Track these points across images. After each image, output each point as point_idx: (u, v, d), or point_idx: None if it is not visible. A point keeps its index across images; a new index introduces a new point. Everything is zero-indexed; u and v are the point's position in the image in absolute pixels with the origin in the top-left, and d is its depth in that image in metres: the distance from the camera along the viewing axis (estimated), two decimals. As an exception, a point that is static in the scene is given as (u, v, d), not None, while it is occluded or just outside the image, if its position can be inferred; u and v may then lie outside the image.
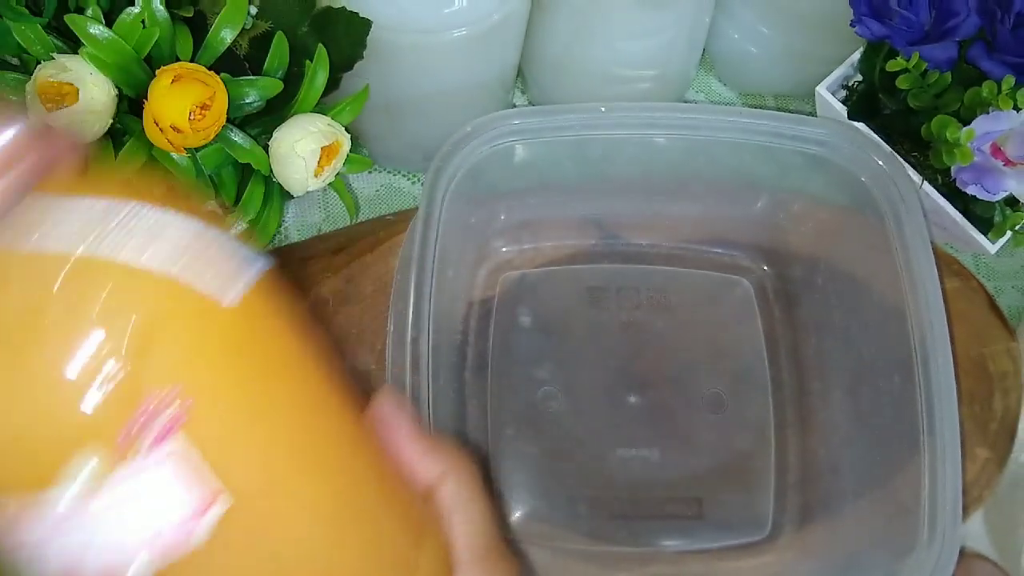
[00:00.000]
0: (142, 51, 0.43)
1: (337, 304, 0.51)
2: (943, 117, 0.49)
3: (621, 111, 0.48)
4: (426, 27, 0.48)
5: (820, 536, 0.50)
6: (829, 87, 0.54)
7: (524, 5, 0.51)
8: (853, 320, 0.51)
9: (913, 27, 0.49)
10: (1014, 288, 0.62)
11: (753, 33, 0.60)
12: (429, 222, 0.44)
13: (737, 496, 0.51)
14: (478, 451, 0.50)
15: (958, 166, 0.48)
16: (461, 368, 0.51)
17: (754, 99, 0.65)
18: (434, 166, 0.45)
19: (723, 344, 0.54)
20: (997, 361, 0.54)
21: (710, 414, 0.52)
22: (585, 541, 0.50)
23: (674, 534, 0.50)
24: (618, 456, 0.51)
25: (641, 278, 0.54)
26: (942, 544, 0.42)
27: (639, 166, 0.51)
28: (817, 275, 0.53)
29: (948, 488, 0.43)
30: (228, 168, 0.47)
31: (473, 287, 0.53)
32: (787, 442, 0.52)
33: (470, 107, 0.55)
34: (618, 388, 0.52)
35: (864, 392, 0.49)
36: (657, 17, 0.53)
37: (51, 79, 0.41)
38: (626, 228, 0.54)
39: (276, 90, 0.46)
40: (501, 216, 0.53)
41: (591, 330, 0.53)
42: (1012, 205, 0.51)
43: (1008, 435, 0.53)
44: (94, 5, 0.42)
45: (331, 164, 0.47)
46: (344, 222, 0.59)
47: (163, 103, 0.42)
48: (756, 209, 0.54)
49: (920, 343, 0.45)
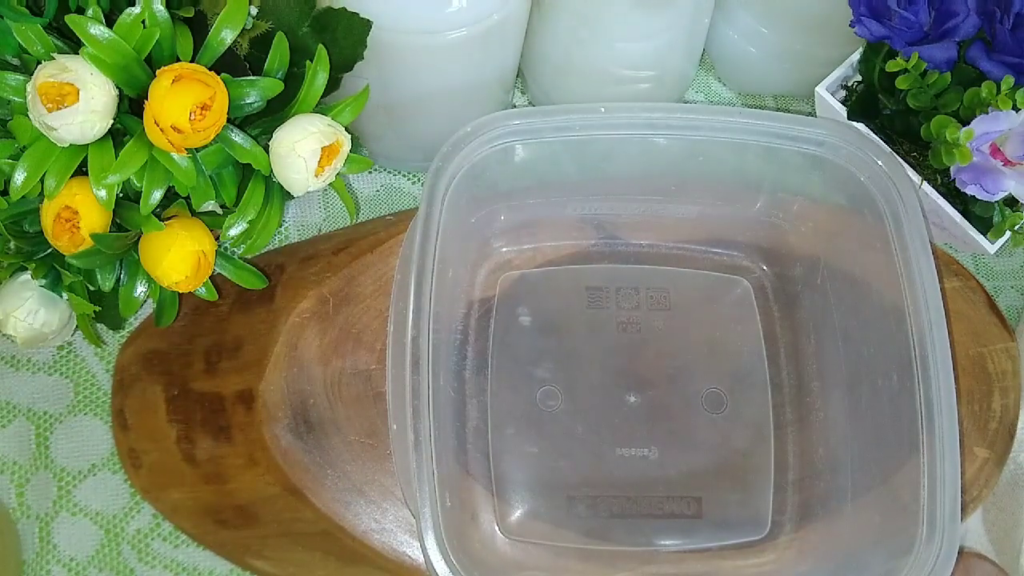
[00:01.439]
0: (143, 51, 0.43)
1: (337, 304, 0.51)
2: (942, 117, 0.49)
3: (621, 111, 0.48)
4: (426, 27, 0.48)
5: (819, 535, 0.50)
6: (829, 87, 0.54)
7: (524, 5, 0.51)
8: (852, 320, 0.51)
9: (912, 27, 0.49)
10: (1013, 288, 0.62)
11: (753, 34, 0.60)
12: (429, 222, 0.44)
13: (736, 495, 0.51)
14: (478, 451, 0.50)
15: (957, 166, 0.48)
16: (461, 368, 0.51)
17: (754, 99, 0.65)
18: (434, 166, 0.45)
19: (722, 344, 0.54)
20: (996, 360, 0.54)
21: (709, 413, 0.52)
22: (585, 540, 0.50)
23: (673, 533, 0.50)
24: (617, 455, 0.51)
25: (640, 278, 0.54)
26: (941, 543, 0.43)
27: (639, 166, 0.51)
28: (816, 275, 0.53)
29: (947, 487, 0.43)
30: (228, 168, 0.47)
31: (473, 287, 0.53)
32: (786, 441, 0.52)
33: (470, 107, 0.55)
34: (618, 387, 0.52)
35: (863, 391, 0.49)
36: (657, 18, 0.53)
37: (51, 79, 0.41)
38: (626, 228, 0.55)
39: (276, 90, 0.46)
40: (501, 216, 0.53)
41: (591, 330, 0.53)
42: (1011, 205, 0.52)
43: (1007, 434, 0.53)
44: (95, 5, 0.42)
45: (331, 164, 0.47)
46: (344, 222, 0.59)
47: (164, 103, 0.42)
48: (756, 209, 0.54)
49: (919, 343, 0.45)
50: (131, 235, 0.47)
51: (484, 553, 0.48)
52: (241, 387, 0.50)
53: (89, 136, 0.43)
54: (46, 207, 0.45)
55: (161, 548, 0.53)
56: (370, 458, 0.49)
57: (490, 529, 0.49)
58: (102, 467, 0.54)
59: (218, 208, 0.49)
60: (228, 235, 0.47)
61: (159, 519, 0.53)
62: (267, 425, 0.49)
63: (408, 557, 0.49)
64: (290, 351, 0.50)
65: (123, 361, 0.54)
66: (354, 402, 0.50)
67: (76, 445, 0.54)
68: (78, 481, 0.53)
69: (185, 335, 0.53)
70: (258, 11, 0.48)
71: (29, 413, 0.54)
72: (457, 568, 0.41)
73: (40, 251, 0.48)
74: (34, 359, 0.55)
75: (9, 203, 0.45)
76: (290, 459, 0.49)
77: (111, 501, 0.53)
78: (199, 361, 0.52)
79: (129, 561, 0.52)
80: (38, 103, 0.41)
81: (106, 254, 0.46)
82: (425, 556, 0.41)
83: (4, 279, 0.49)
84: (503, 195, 0.51)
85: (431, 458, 0.41)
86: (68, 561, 0.52)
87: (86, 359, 0.55)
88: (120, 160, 0.43)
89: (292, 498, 0.49)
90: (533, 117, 0.47)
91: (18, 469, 0.53)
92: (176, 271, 0.46)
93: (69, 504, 0.53)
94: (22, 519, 0.53)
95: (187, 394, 0.52)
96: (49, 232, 0.45)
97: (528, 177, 0.50)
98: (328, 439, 0.49)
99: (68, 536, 0.53)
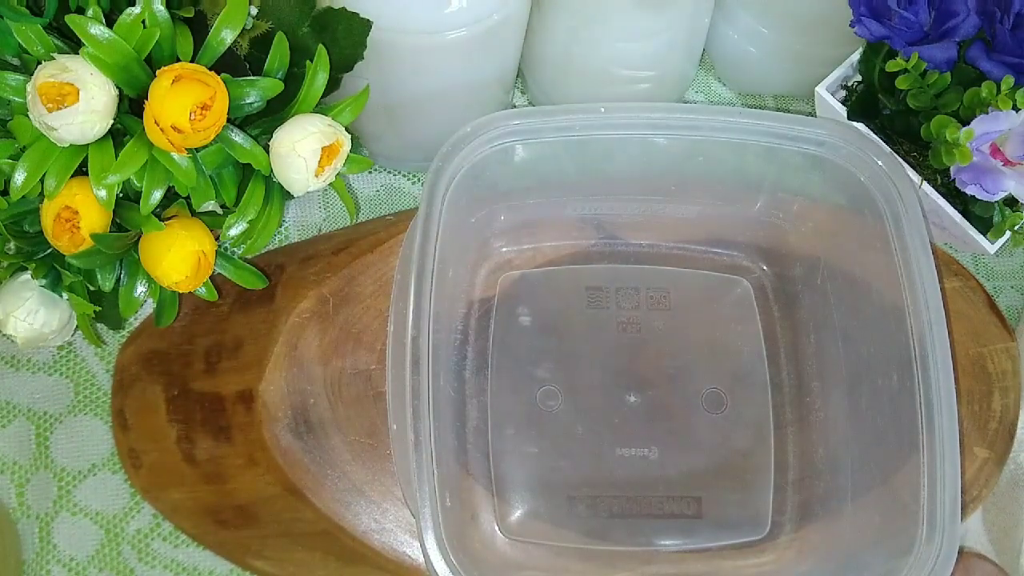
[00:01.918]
0: (143, 51, 0.43)
1: (337, 304, 0.51)
2: (942, 117, 0.49)
3: (621, 111, 0.48)
4: (426, 27, 0.48)
5: (819, 535, 0.50)
6: (829, 87, 0.54)
7: (524, 5, 0.51)
8: (852, 319, 0.51)
9: (912, 27, 0.49)
10: (1013, 288, 0.62)
11: (753, 34, 0.60)
12: (429, 222, 0.44)
13: (736, 495, 0.51)
14: (478, 451, 0.50)
15: (957, 166, 0.48)
16: (461, 368, 0.51)
17: (754, 99, 0.65)
18: (434, 166, 0.45)
19: (722, 344, 0.54)
20: (996, 360, 0.54)
21: (709, 413, 0.52)
22: (585, 540, 0.50)
23: (673, 533, 0.50)
24: (617, 455, 0.51)
25: (640, 278, 0.54)
26: (941, 543, 0.43)
27: (639, 166, 0.51)
28: (816, 275, 0.53)
29: (947, 487, 0.43)
30: (229, 168, 0.47)
31: (473, 287, 0.53)
32: (786, 441, 0.52)
33: (470, 107, 0.55)
34: (618, 387, 0.52)
35: (863, 391, 0.49)
36: (656, 18, 0.53)
37: (52, 79, 0.41)
38: (626, 228, 0.55)
39: (276, 90, 0.46)
40: (501, 216, 0.53)
41: (591, 330, 0.53)
42: (1011, 205, 0.52)
43: (1007, 434, 0.53)
44: (95, 5, 0.42)
45: (331, 164, 0.47)
46: (344, 222, 0.59)
47: (164, 103, 0.42)
48: (756, 209, 0.54)
49: (919, 342, 0.45)
50: (131, 235, 0.47)
51: (484, 553, 0.48)
52: (241, 387, 0.50)
53: (89, 136, 0.43)
54: (46, 207, 0.45)
55: (161, 548, 0.53)
56: (370, 458, 0.49)
57: (490, 529, 0.49)
58: (102, 467, 0.54)
59: (218, 208, 0.49)
60: (228, 235, 0.47)
61: (159, 519, 0.53)
62: (267, 425, 0.49)
63: (408, 557, 0.49)
64: (290, 351, 0.50)
65: (123, 361, 0.54)
66: (354, 402, 0.50)
67: (76, 445, 0.54)
68: (78, 481, 0.53)
69: (185, 335, 0.53)
70: (258, 11, 0.48)
71: (29, 413, 0.54)
72: (457, 568, 0.41)
73: (40, 251, 0.48)
74: (34, 359, 0.55)
75: (9, 203, 0.45)
76: (290, 459, 0.49)
77: (111, 501, 0.53)
78: (199, 361, 0.52)
79: (129, 561, 0.52)
80: (38, 103, 0.41)
81: (106, 254, 0.46)
82: (425, 556, 0.41)
83: (4, 279, 0.49)
84: (503, 195, 0.51)
85: (431, 458, 0.41)
86: (68, 561, 0.52)
87: (86, 359, 0.55)
88: (120, 160, 0.43)
89: (292, 498, 0.49)
90: (533, 117, 0.47)
91: (18, 469, 0.53)
92: (176, 271, 0.46)
93: (69, 504, 0.53)
94: (22, 519, 0.53)
95: (187, 394, 0.52)
96: (49, 232, 0.45)
97: (528, 177, 0.50)
98: (328, 439, 0.49)
99: (68, 536, 0.53)
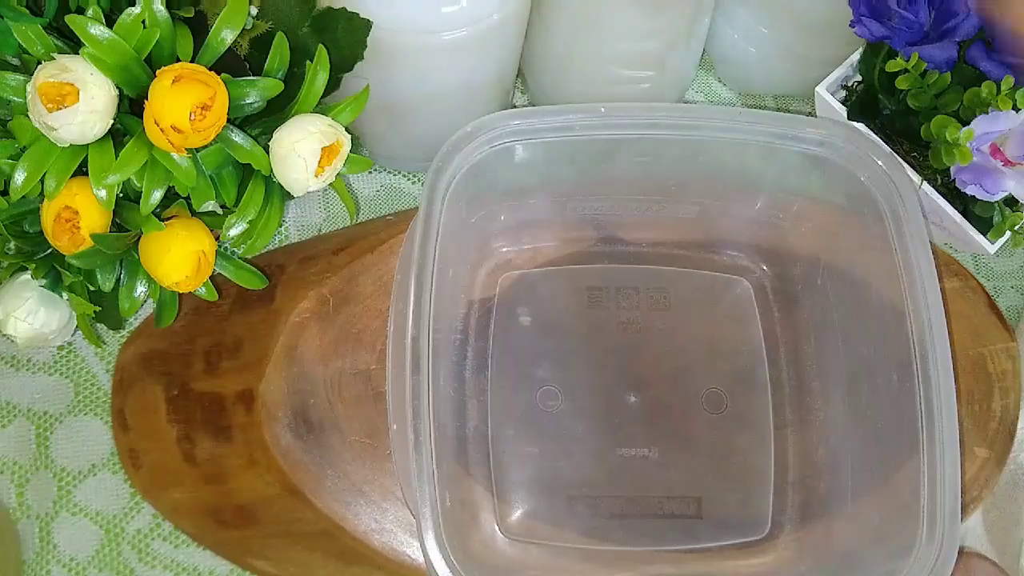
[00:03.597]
0: (143, 51, 0.43)
1: (337, 304, 0.51)
2: (942, 117, 0.49)
3: (621, 111, 0.48)
4: (426, 27, 0.48)
5: (819, 535, 0.50)
6: (829, 87, 0.54)
7: (524, 5, 0.51)
8: (852, 320, 0.51)
9: (912, 27, 0.49)
10: (1013, 288, 0.62)
11: (753, 34, 0.60)
12: (429, 222, 0.44)
13: (736, 495, 0.51)
14: (478, 451, 0.50)
15: (957, 166, 0.48)
16: (461, 368, 0.51)
17: (754, 99, 0.65)
18: (434, 166, 0.45)
19: (722, 344, 0.54)
20: (996, 361, 0.54)
21: (709, 413, 0.52)
22: (585, 540, 0.50)
23: (673, 533, 0.50)
24: (617, 455, 0.51)
25: (640, 278, 0.54)
26: (941, 543, 0.43)
27: (639, 166, 0.51)
28: (816, 275, 0.53)
29: (947, 487, 0.43)
30: (228, 168, 0.47)
31: (473, 287, 0.53)
32: (786, 441, 0.52)
33: (470, 107, 0.55)
34: (617, 388, 0.52)
35: (863, 391, 0.49)
36: (657, 18, 0.53)
37: (52, 79, 0.41)
38: (626, 228, 0.55)
39: (276, 90, 0.46)
40: (501, 216, 0.53)
41: (591, 330, 0.53)
42: (1011, 205, 0.52)
43: (1007, 434, 0.53)
44: (95, 5, 0.42)
45: (331, 164, 0.47)
46: (344, 222, 0.59)
47: (164, 103, 0.42)
48: (756, 209, 0.54)
49: (919, 343, 0.45)
50: (131, 235, 0.47)
51: (484, 553, 0.48)
52: (241, 387, 0.50)
53: (89, 136, 0.43)
54: (46, 207, 0.45)
55: (161, 548, 0.53)
56: (370, 458, 0.49)
57: (490, 529, 0.49)
58: (102, 467, 0.54)
59: (218, 208, 0.49)
60: (228, 235, 0.47)
61: (159, 519, 0.53)
62: (267, 425, 0.49)
63: (408, 557, 0.49)
64: (290, 351, 0.50)
65: (123, 361, 0.54)
66: (354, 402, 0.50)
67: (76, 445, 0.54)
68: (78, 481, 0.53)
69: (185, 335, 0.53)
70: (258, 11, 0.48)
71: (29, 413, 0.54)
72: (457, 568, 0.41)
73: (40, 251, 0.48)
74: (34, 359, 0.55)
75: (9, 203, 0.45)
76: (290, 459, 0.49)
77: (111, 501, 0.53)
78: (199, 361, 0.52)
79: (129, 561, 0.52)
80: (38, 103, 0.41)
81: (106, 254, 0.46)
82: (425, 556, 0.41)
83: (4, 279, 0.49)
84: (503, 195, 0.51)
85: (431, 458, 0.41)
86: (68, 561, 0.52)
87: (86, 359, 0.55)
88: (120, 160, 0.43)
89: (292, 498, 0.49)
90: (533, 117, 0.47)
91: (18, 469, 0.53)
92: (176, 271, 0.46)
93: (69, 504, 0.53)
94: (22, 519, 0.53)
95: (187, 394, 0.52)
96: (49, 232, 0.45)
97: (528, 177, 0.50)
98: (328, 439, 0.49)
99: (68, 536, 0.53)
